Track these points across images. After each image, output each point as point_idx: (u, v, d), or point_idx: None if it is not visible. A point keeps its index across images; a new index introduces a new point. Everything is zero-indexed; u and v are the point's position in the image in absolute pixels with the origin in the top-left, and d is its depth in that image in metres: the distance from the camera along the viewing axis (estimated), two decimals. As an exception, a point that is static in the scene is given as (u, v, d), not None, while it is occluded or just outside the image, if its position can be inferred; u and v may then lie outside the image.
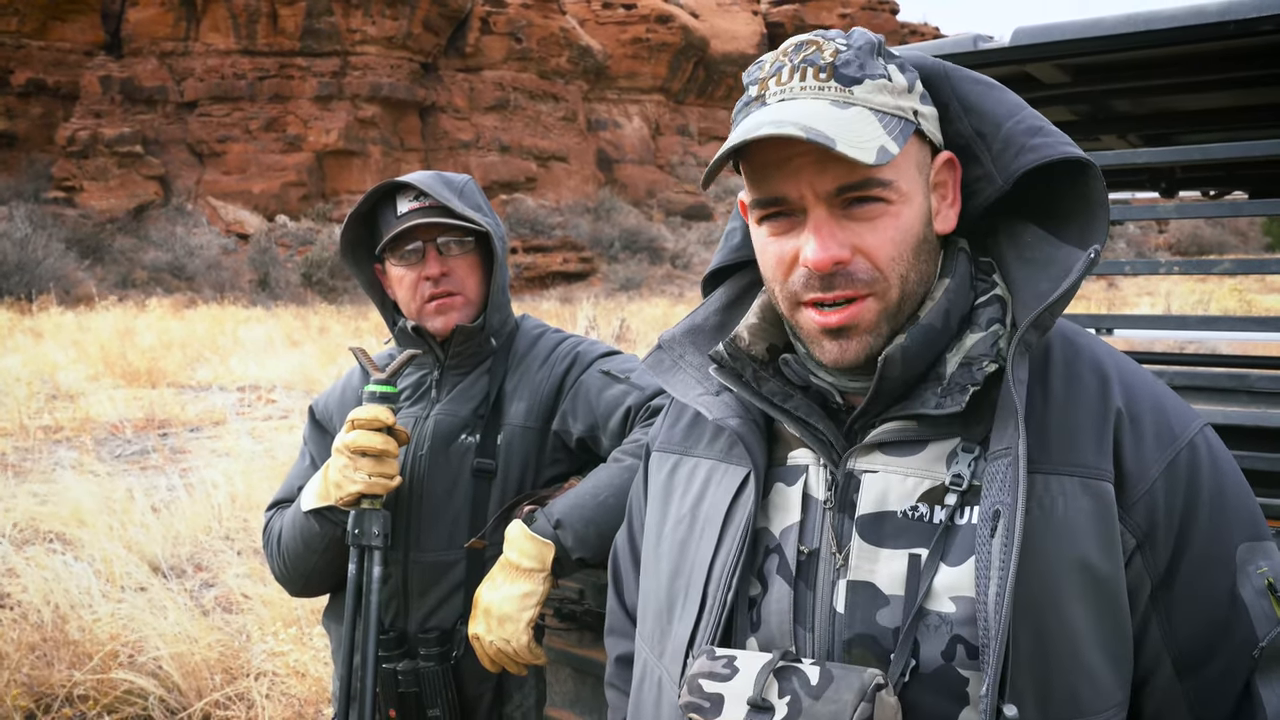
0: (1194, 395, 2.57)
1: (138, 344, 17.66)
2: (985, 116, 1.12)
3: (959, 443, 1.06)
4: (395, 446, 1.90)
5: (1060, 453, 1.03)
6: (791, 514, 1.12)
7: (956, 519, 1.04)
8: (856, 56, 1.06)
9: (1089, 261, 1.05)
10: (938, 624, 1.01)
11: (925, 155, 1.10)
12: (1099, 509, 1.02)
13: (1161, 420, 1.06)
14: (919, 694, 1.01)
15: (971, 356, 1.08)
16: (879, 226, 1.05)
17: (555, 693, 2.00)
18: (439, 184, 2.02)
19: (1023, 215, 1.15)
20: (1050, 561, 1.00)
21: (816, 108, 1.03)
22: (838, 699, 0.98)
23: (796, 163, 1.04)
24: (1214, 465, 1.07)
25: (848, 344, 1.07)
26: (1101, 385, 1.07)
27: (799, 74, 1.06)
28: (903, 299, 1.08)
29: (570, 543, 1.79)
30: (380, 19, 44.53)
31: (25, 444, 9.82)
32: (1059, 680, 1.00)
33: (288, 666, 4.16)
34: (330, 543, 1.98)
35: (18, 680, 4.05)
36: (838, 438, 1.12)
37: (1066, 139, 1.09)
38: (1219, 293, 22.42)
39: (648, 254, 47.15)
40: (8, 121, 41.27)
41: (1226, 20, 2.25)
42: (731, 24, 58.49)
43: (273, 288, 36.05)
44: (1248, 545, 1.05)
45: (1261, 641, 1.03)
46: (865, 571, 1.06)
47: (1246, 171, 4.02)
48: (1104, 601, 1.02)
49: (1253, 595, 1.04)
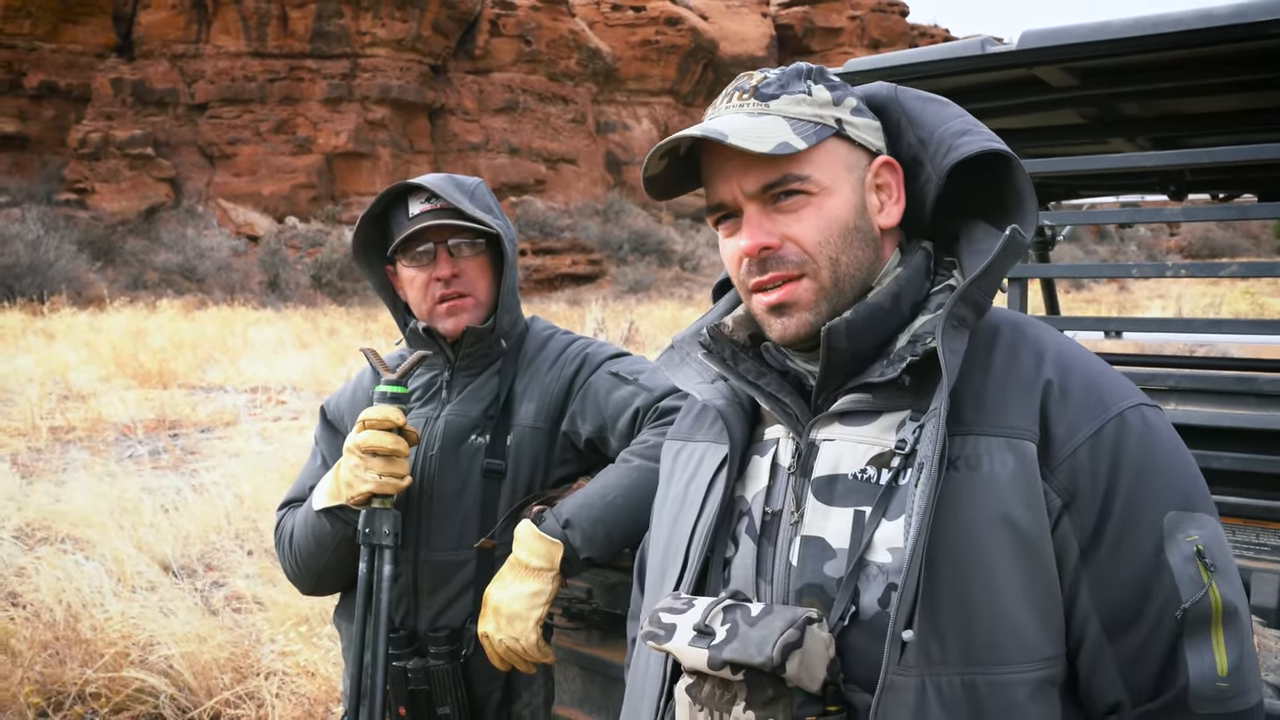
0: (1201, 398, 2.58)
1: (149, 345, 17.74)
2: (923, 125, 1.25)
3: (909, 414, 1.17)
4: (406, 447, 1.92)
5: (990, 416, 1.13)
6: (761, 481, 1.25)
7: (899, 480, 1.14)
8: (779, 78, 1.22)
9: (1007, 240, 1.14)
10: (876, 573, 1.12)
11: (857, 157, 1.22)
12: (1021, 467, 1.10)
13: (1092, 393, 1.14)
14: (858, 637, 1.11)
15: (918, 335, 1.19)
16: (803, 216, 1.19)
17: (564, 691, 2.02)
18: (450, 186, 2.04)
19: (980, 216, 1.25)
20: (974, 514, 1.09)
21: (732, 119, 1.19)
22: (769, 626, 1.09)
23: (727, 169, 1.20)
24: (1146, 438, 1.12)
25: (788, 320, 1.20)
26: (1037, 360, 1.16)
27: (728, 99, 1.24)
28: (837, 280, 1.20)
29: (578, 542, 1.81)
30: (390, 21, 44.66)
31: (38, 444, 9.89)
32: (980, 626, 1.07)
33: (297, 666, 4.18)
34: (341, 541, 1.99)
35: (30, 678, 4.08)
36: (804, 411, 1.24)
37: (991, 136, 1.21)
38: (1231, 296, 22.34)
39: (656, 256, 47.18)
40: (20, 124, 41.48)
41: (1236, 24, 2.26)
42: (741, 26, 58.49)
43: (282, 289, 36.17)
44: (1176, 514, 1.10)
45: (1185, 604, 1.07)
46: (817, 527, 1.17)
47: (1256, 174, 4.02)
48: (1029, 558, 1.09)
49: (1179, 560, 1.09)
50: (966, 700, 1.06)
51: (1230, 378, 2.53)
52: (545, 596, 1.80)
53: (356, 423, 1.93)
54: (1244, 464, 2.32)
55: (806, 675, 1.06)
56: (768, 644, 1.06)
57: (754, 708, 1.08)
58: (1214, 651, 1.08)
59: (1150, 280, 29.94)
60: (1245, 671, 1.09)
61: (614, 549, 1.85)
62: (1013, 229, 1.14)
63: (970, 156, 1.19)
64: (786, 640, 1.06)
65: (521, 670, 1.85)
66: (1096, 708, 1.13)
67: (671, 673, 1.24)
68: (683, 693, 1.16)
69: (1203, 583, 1.08)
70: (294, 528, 2.08)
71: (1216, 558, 1.09)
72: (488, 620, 1.82)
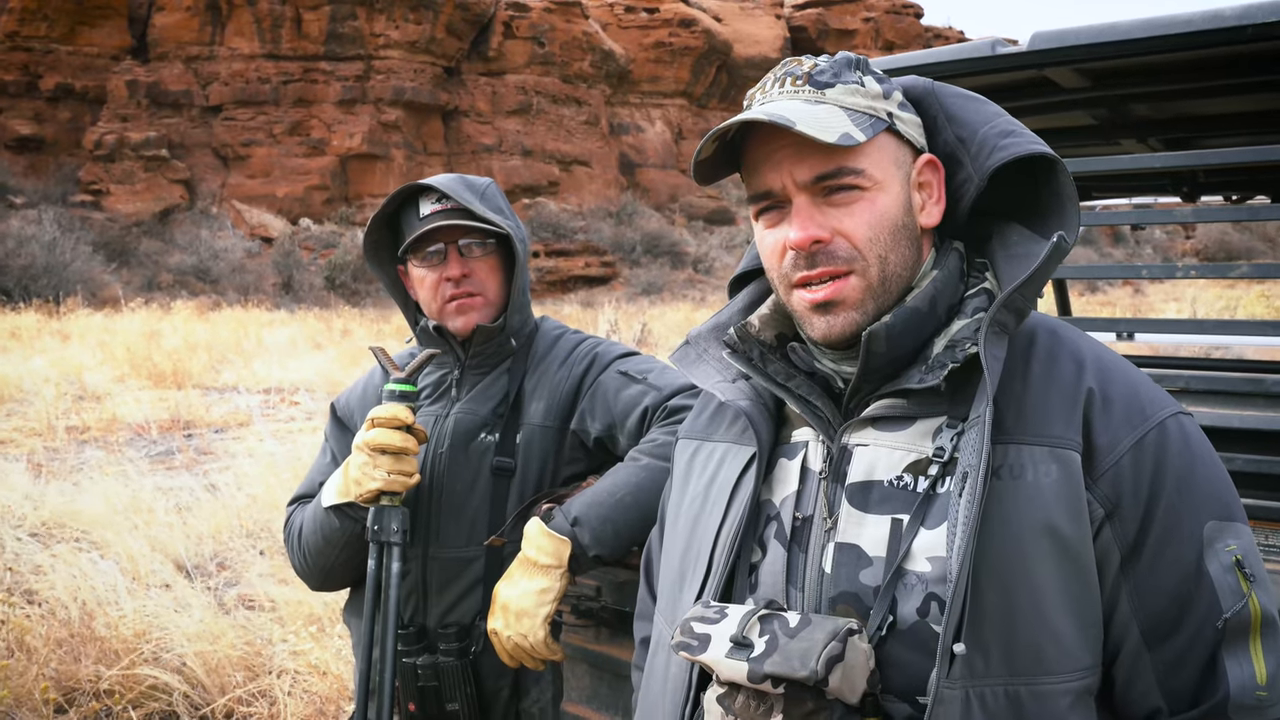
0: (1212, 400, 2.57)
1: (163, 346, 17.83)
2: (964, 124, 1.23)
3: (944, 420, 1.15)
4: (414, 444, 1.93)
5: (1033, 426, 1.11)
6: (790, 485, 1.22)
7: (937, 488, 1.12)
8: (831, 67, 1.19)
9: (1054, 246, 1.12)
10: (914, 583, 1.09)
11: (904, 154, 1.20)
12: (1065, 476, 1.08)
13: (1133, 402, 1.13)
14: (895, 648, 1.09)
15: (956, 340, 1.17)
16: (855, 210, 1.16)
17: (572, 688, 2.03)
18: (461, 187, 2.06)
19: (1014, 219, 1.23)
20: (1018, 524, 1.07)
21: (790, 105, 1.15)
22: (810, 638, 1.06)
23: (777, 156, 1.16)
24: (1185, 447, 1.12)
25: (834, 319, 1.17)
26: (1077, 368, 1.14)
27: (779, 83, 1.20)
28: (885, 279, 1.17)
29: (587, 540, 1.82)
30: (403, 23, 44.79)
31: (53, 444, 9.95)
32: (1023, 636, 1.06)
33: (309, 664, 4.20)
34: (350, 538, 2.01)
35: (46, 674, 4.12)
36: (835, 415, 1.21)
37: (1035, 139, 1.19)
38: (1247, 300, 22.18)
39: (670, 258, 47.13)
40: (36, 126, 41.76)
41: (1244, 24, 2.26)
42: (754, 28, 58.43)
43: (296, 291, 36.28)
44: (1216, 524, 1.10)
45: (1226, 614, 1.07)
46: (852, 535, 1.15)
47: (1269, 176, 4.00)
48: (1071, 566, 1.08)
49: (1219, 570, 1.08)
50: (1010, 711, 1.05)
51: (1240, 379, 2.53)
52: (554, 593, 1.81)
53: (365, 420, 1.94)
54: (1253, 465, 2.32)
55: (848, 688, 1.05)
56: (811, 657, 1.04)
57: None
58: (1253, 661, 1.07)
59: (1165, 284, 29.79)
60: None
61: (622, 547, 1.86)
62: (1060, 236, 1.13)
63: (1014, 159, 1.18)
64: (830, 653, 1.04)
65: (530, 666, 1.86)
66: (1133, 715, 1.12)
67: (698, 680, 1.22)
68: (713, 702, 1.13)
69: (1243, 593, 1.08)
70: (303, 524, 2.10)
71: (1254, 567, 1.10)
72: (496, 617, 1.83)
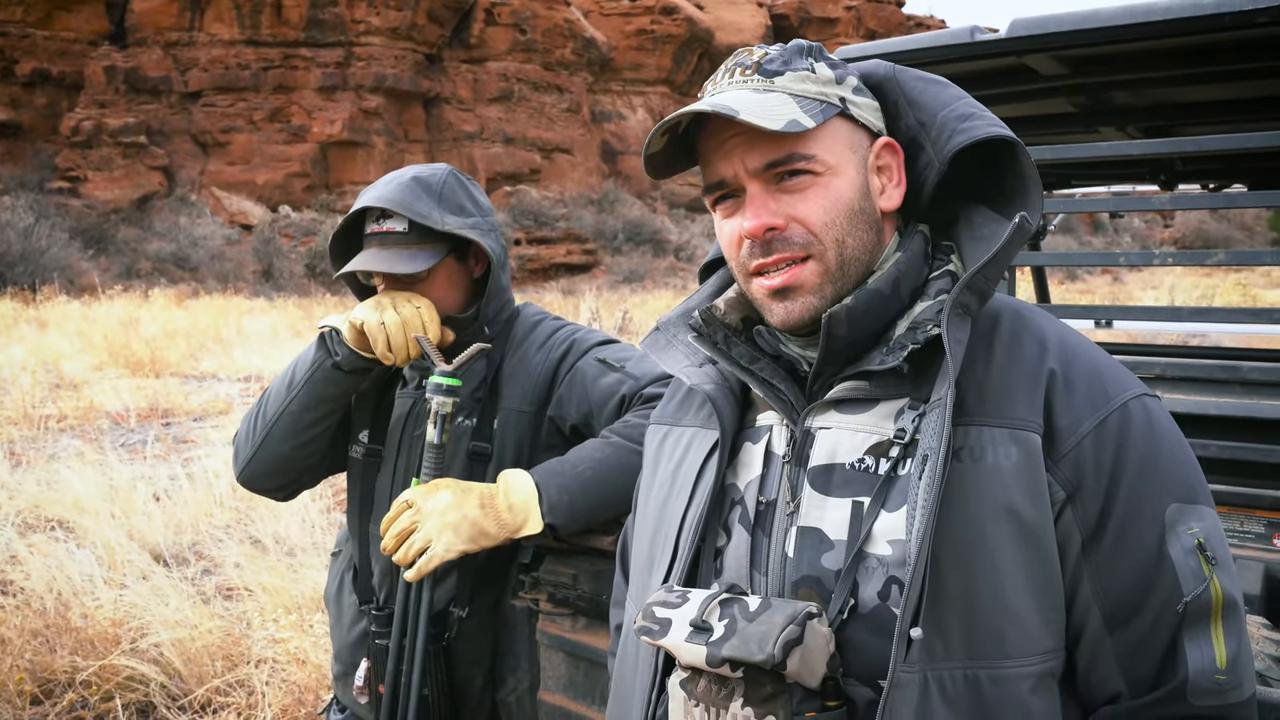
0: (1188, 386, 2.58)
1: (141, 334, 17.70)
2: (925, 108, 1.22)
3: (907, 402, 1.14)
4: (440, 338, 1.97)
5: (994, 407, 1.10)
6: (754, 469, 1.22)
7: (898, 470, 1.11)
8: (781, 55, 1.18)
9: (1015, 227, 1.12)
10: (875, 566, 1.09)
11: (860, 138, 1.20)
12: (1025, 458, 1.08)
13: (1096, 383, 1.12)
14: (856, 631, 1.09)
15: (918, 321, 1.16)
16: (809, 196, 1.15)
17: (549, 677, 2.02)
18: (412, 196, 1.95)
19: (982, 202, 1.23)
20: (978, 506, 1.07)
21: (738, 95, 1.15)
22: (769, 622, 1.06)
23: (728, 146, 1.16)
24: (1148, 429, 1.11)
25: (792, 305, 1.17)
26: (1040, 350, 1.14)
27: (729, 74, 1.20)
28: (843, 263, 1.16)
29: (543, 507, 1.82)
30: (384, 10, 44.49)
31: (30, 433, 9.87)
32: (984, 619, 1.06)
33: (288, 653, 4.18)
34: (339, 391, 2.00)
35: (21, 665, 4.08)
36: (798, 398, 1.21)
37: (995, 121, 1.18)
38: (1223, 287, 22.35)
39: (651, 246, 47.12)
40: (12, 111, 41.30)
41: (1223, 12, 2.26)
42: (736, 16, 58.35)
43: (276, 279, 36.06)
44: (1178, 506, 1.09)
45: (1186, 597, 1.07)
46: (814, 518, 1.15)
47: (1246, 164, 4.02)
48: (1032, 549, 1.07)
49: (1180, 553, 1.08)
50: (969, 695, 1.05)
51: (1216, 366, 2.54)
52: (488, 540, 1.82)
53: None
54: (1228, 451, 2.33)
55: (807, 671, 1.05)
56: (768, 641, 1.04)
57: (752, 704, 1.06)
58: (1213, 644, 1.07)
59: (1144, 272, 30.00)
60: (1243, 664, 1.09)
61: (578, 520, 1.85)
62: (1021, 216, 1.12)
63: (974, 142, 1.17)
64: (788, 637, 1.04)
65: (409, 580, 1.85)
66: (1094, 699, 1.12)
67: (663, 665, 1.22)
68: (677, 687, 1.14)
69: (1204, 576, 1.07)
70: (272, 391, 2.06)
71: (1217, 550, 1.09)
72: (421, 513, 1.83)
